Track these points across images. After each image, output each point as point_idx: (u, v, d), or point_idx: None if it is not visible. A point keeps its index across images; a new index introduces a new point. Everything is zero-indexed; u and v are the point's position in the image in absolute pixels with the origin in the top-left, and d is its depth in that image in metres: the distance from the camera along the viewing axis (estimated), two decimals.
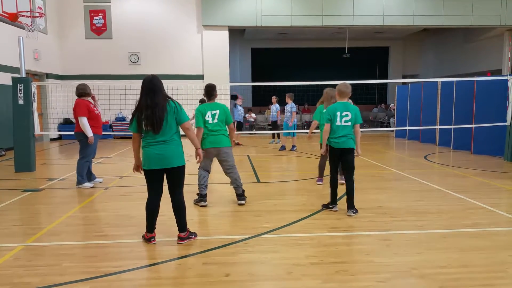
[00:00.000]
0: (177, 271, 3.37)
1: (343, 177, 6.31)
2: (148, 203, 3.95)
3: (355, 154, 4.95)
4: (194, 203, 5.38)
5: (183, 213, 3.96)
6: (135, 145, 3.90)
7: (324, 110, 6.17)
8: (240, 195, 5.41)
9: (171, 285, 3.11)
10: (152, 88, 3.72)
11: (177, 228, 4.00)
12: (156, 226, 4.00)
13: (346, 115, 4.82)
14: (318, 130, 6.37)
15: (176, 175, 3.86)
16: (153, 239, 3.95)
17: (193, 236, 4.04)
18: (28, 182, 7.14)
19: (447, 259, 3.52)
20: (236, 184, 5.37)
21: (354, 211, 4.87)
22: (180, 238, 3.95)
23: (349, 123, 4.84)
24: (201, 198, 5.34)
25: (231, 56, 18.06)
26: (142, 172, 3.97)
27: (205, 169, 5.35)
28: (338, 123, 4.82)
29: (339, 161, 4.98)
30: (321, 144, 6.12)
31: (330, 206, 5.06)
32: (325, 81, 9.44)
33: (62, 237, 4.21)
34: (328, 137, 4.91)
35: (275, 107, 12.56)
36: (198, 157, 4.14)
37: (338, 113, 4.83)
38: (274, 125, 13.13)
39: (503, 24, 16.19)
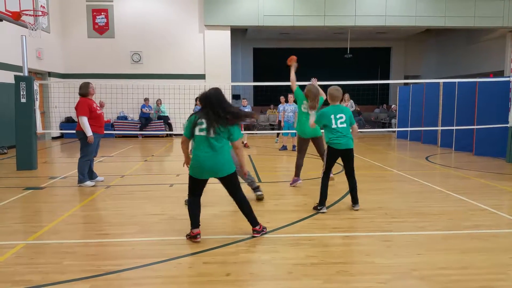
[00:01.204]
0: (178, 270, 3.37)
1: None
2: (191, 203, 4.05)
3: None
4: (185, 204, 5.34)
5: (248, 210, 4.11)
6: (184, 147, 4.05)
7: (308, 109, 6.25)
8: (256, 188, 5.62)
9: (172, 284, 3.12)
10: (219, 99, 3.88)
11: (175, 229, 4.00)
12: (200, 223, 4.05)
13: (341, 117, 4.93)
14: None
15: (230, 182, 4.00)
16: (199, 236, 3.98)
17: (265, 229, 4.20)
18: (30, 180, 7.16)
19: (447, 261, 3.51)
20: (251, 180, 5.59)
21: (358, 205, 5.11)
22: (256, 232, 4.12)
23: (344, 125, 4.93)
24: None
25: (233, 56, 18.07)
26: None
27: None
28: (334, 126, 4.90)
29: (335, 161, 5.14)
30: (299, 137, 6.41)
31: (318, 207, 5.01)
32: (327, 81, 9.44)
33: (63, 235, 4.22)
34: (329, 138, 4.97)
35: (282, 107, 12.59)
36: (244, 174, 4.33)
37: (332, 116, 4.93)
38: (279, 125, 13.18)
39: (506, 25, 16.15)
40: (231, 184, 4.01)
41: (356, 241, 4.09)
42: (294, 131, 11.39)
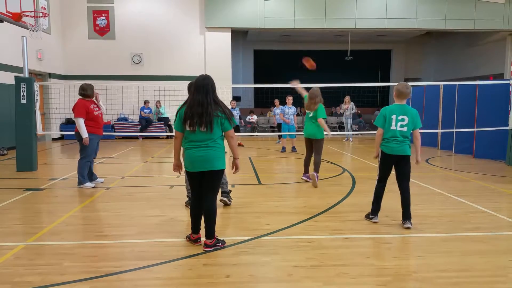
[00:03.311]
0: (178, 271, 3.37)
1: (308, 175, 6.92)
2: (192, 205, 3.92)
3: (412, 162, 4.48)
4: (186, 205, 5.33)
5: (213, 219, 3.77)
6: (177, 144, 3.80)
7: (307, 111, 6.62)
8: (226, 193, 5.34)
9: (171, 285, 3.11)
10: (204, 87, 3.64)
11: (175, 230, 3.98)
12: (200, 227, 3.93)
13: (403, 119, 4.38)
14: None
15: (211, 179, 3.73)
16: (199, 240, 3.91)
17: (220, 244, 3.84)
18: (30, 181, 7.16)
19: (447, 263, 3.51)
20: (225, 182, 5.32)
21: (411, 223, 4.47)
22: (206, 245, 3.77)
23: (405, 128, 4.38)
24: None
25: (234, 58, 18.09)
26: (182, 172, 3.97)
27: None
28: (393, 127, 4.40)
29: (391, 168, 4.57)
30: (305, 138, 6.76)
31: (370, 217, 4.67)
32: (327, 83, 9.45)
33: (63, 236, 4.22)
34: (384, 140, 4.50)
35: (279, 109, 12.62)
36: (235, 167, 3.86)
37: (394, 116, 4.41)
38: (279, 127, 13.22)
39: (506, 28, 16.18)
40: (212, 181, 3.72)
41: (356, 243, 4.08)
42: (294, 133, 11.45)
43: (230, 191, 5.47)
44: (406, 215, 4.47)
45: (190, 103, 3.68)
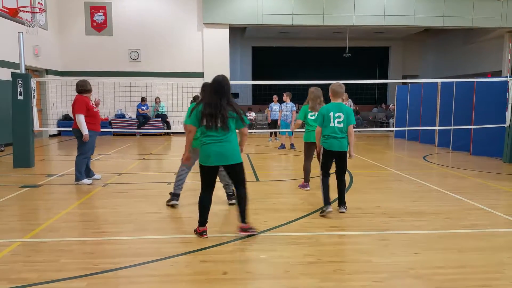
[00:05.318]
0: (174, 268, 3.37)
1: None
2: (202, 198, 4.05)
3: (347, 157, 4.87)
4: (168, 205, 5.23)
5: (246, 206, 4.07)
6: (191, 137, 4.04)
7: (310, 111, 6.17)
8: (231, 195, 5.31)
9: (168, 282, 3.12)
10: (222, 88, 3.90)
11: (172, 227, 3.99)
12: (208, 220, 4.07)
13: (339, 116, 4.73)
14: (303, 130, 6.38)
15: (235, 173, 4.03)
16: (205, 233, 4.01)
17: (253, 230, 4.07)
18: (27, 178, 7.14)
19: (444, 260, 3.52)
20: (227, 182, 5.29)
21: (345, 207, 4.93)
22: (242, 229, 4.04)
23: (342, 125, 4.73)
24: (175, 197, 5.23)
25: (232, 54, 18.04)
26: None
27: (188, 167, 5.25)
28: (332, 124, 4.71)
29: (332, 163, 4.89)
30: (305, 143, 6.22)
31: (324, 209, 4.78)
32: (325, 80, 9.43)
33: (60, 233, 4.21)
34: (323, 137, 4.79)
35: (276, 106, 12.60)
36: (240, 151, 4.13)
37: (331, 114, 4.74)
38: (274, 124, 13.15)
39: (504, 25, 16.18)
40: (236, 174, 4.03)
41: (353, 240, 4.09)
42: (291, 131, 11.42)
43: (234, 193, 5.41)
44: (342, 201, 4.92)
45: (208, 102, 3.91)
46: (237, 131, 4.04)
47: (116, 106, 15.04)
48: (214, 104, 3.85)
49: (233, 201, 5.27)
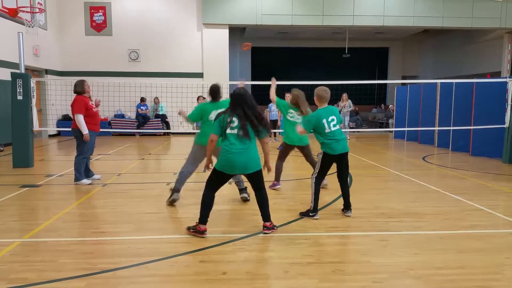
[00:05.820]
0: (174, 268, 3.36)
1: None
2: (206, 196, 4.09)
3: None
4: (168, 203, 5.26)
5: (268, 205, 4.23)
6: (213, 147, 4.09)
7: (291, 111, 6.10)
8: (243, 190, 5.48)
9: (168, 282, 3.11)
10: (248, 101, 4.08)
11: (172, 227, 3.98)
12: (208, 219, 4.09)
13: (333, 119, 4.67)
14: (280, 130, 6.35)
15: (257, 179, 4.13)
16: (205, 233, 4.04)
17: (275, 228, 4.25)
18: (26, 178, 7.13)
19: (444, 260, 3.52)
20: (238, 179, 5.47)
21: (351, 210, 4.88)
22: (266, 228, 4.19)
23: (337, 127, 4.70)
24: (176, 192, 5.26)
25: (231, 55, 18.03)
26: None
27: (192, 167, 5.28)
28: (328, 130, 4.62)
29: (331, 167, 4.81)
30: (284, 143, 6.18)
31: (311, 214, 4.72)
32: (325, 81, 9.43)
33: (59, 233, 4.21)
34: (324, 143, 4.67)
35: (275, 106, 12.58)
36: (268, 169, 4.23)
37: (325, 120, 4.63)
38: (273, 124, 13.15)
39: (503, 26, 16.20)
40: (257, 180, 4.12)
41: (353, 240, 4.10)
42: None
43: (246, 187, 5.47)
44: (348, 205, 4.87)
45: (233, 112, 4.01)
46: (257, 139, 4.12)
47: (116, 106, 15.03)
48: (240, 115, 3.96)
49: (245, 195, 5.46)
